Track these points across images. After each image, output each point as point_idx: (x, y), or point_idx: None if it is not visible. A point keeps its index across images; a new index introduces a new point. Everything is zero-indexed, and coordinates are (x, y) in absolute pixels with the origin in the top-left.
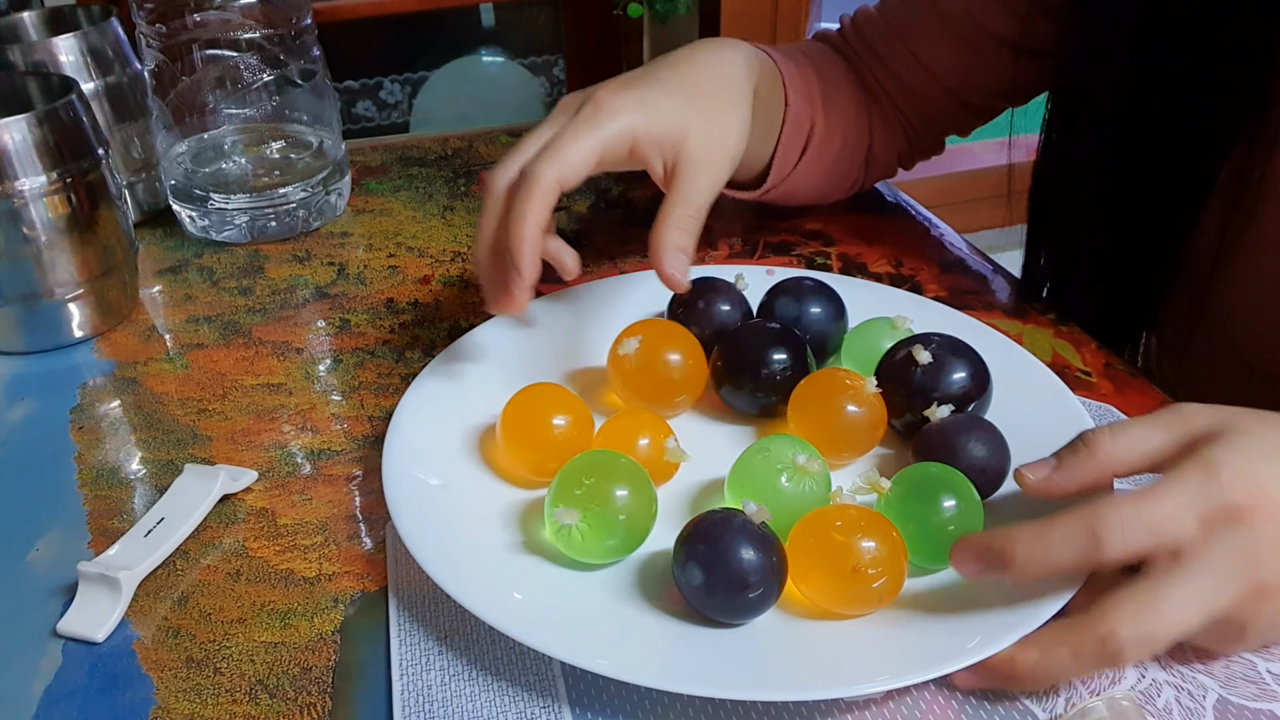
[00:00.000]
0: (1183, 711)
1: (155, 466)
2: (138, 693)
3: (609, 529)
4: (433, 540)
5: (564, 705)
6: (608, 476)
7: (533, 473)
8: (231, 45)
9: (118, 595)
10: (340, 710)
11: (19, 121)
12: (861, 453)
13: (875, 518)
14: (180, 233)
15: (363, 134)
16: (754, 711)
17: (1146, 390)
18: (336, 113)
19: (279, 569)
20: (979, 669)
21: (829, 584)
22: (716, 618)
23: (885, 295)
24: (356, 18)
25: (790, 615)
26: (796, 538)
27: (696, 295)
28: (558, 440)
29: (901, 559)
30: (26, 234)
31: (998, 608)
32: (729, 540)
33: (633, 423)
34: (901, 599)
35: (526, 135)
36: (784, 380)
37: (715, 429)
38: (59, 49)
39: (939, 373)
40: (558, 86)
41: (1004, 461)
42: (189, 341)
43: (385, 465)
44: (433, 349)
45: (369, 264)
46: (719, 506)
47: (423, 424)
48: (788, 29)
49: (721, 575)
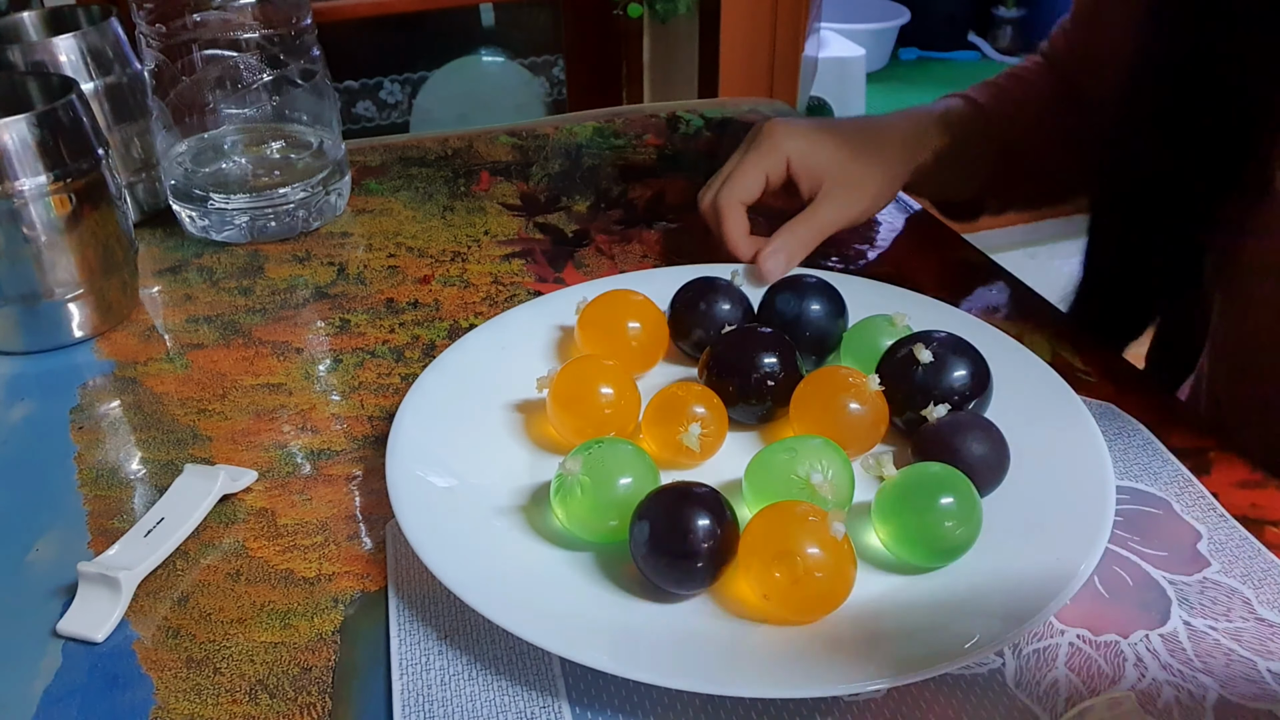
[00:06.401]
0: (1183, 711)
1: (155, 466)
2: (138, 693)
3: (608, 486)
4: (434, 537)
5: (564, 704)
6: (616, 446)
7: (574, 436)
8: (231, 45)
9: (118, 595)
10: (340, 710)
11: (19, 121)
12: (863, 450)
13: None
14: (180, 233)
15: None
16: (754, 709)
17: (1147, 390)
18: (336, 113)
19: (279, 569)
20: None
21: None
22: (655, 578)
23: (885, 293)
24: (356, 18)
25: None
26: (750, 529)
27: (696, 295)
28: (603, 412)
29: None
30: (26, 234)
31: (997, 607)
32: (676, 500)
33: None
34: (902, 599)
35: (727, 165)
36: (775, 387)
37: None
38: (59, 49)
39: (940, 371)
40: (558, 86)
41: (1004, 460)
42: (189, 341)
43: (389, 463)
44: (433, 349)
45: (369, 264)
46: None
47: (425, 422)
48: (788, 29)
49: (666, 533)
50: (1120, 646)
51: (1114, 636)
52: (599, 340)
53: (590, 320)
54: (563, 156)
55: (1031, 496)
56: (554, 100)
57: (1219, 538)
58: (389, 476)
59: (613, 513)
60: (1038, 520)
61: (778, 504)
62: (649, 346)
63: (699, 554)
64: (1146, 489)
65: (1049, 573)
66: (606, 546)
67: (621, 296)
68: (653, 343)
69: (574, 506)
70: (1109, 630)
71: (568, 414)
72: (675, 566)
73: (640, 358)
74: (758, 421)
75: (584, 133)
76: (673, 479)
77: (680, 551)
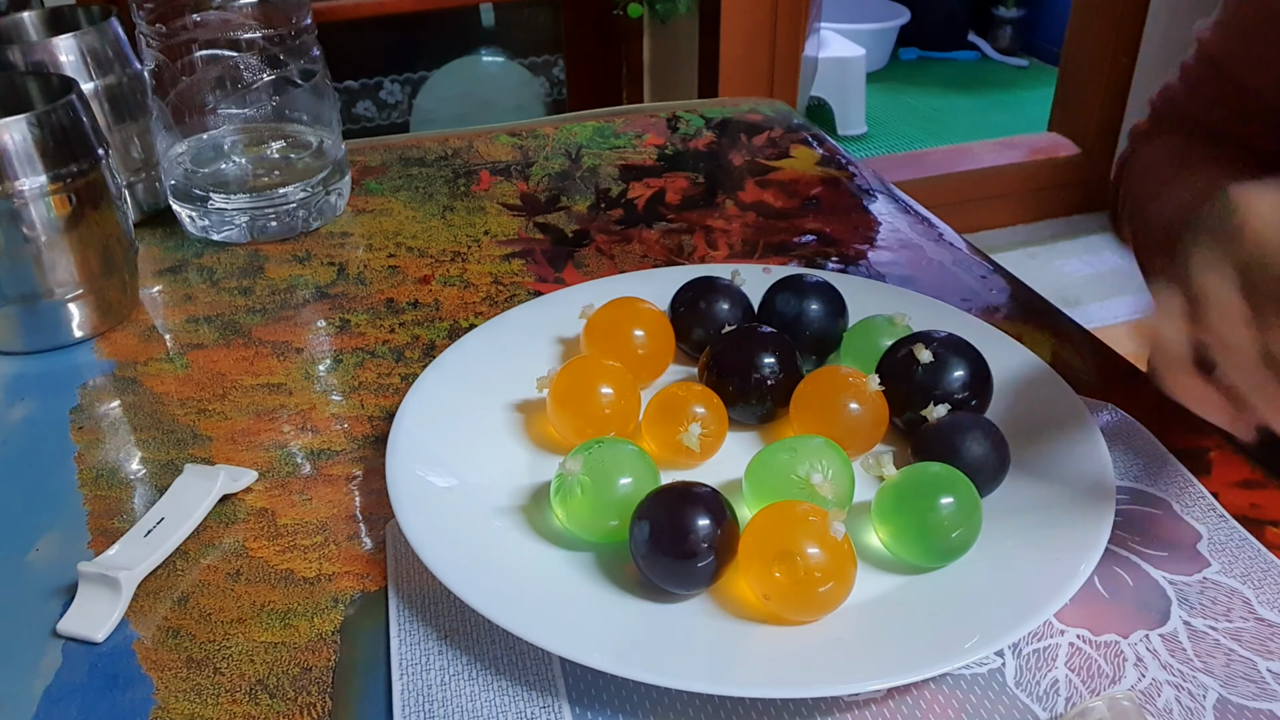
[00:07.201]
0: (1183, 711)
1: (155, 466)
2: (138, 693)
3: (608, 486)
4: (434, 537)
5: (564, 704)
6: (616, 446)
7: (575, 436)
8: (231, 45)
9: (118, 595)
10: (340, 710)
11: (19, 121)
12: (863, 450)
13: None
14: (180, 233)
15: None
16: (754, 709)
17: (1148, 390)
18: (336, 113)
19: (279, 569)
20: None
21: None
22: (655, 578)
23: (885, 293)
24: (356, 18)
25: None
26: (750, 528)
27: (697, 295)
28: (603, 412)
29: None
30: (26, 234)
31: (997, 607)
32: (676, 500)
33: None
34: (902, 599)
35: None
36: (775, 387)
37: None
38: (59, 49)
39: (940, 371)
40: (558, 86)
41: (1004, 460)
42: (189, 341)
43: (389, 463)
44: (433, 349)
45: (369, 264)
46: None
47: (425, 422)
48: (788, 29)
49: (666, 533)
50: (1120, 646)
51: (1114, 636)
52: (605, 350)
53: (597, 328)
54: (563, 156)
55: (1031, 496)
56: (554, 100)
57: (1219, 538)
58: (389, 476)
59: (613, 513)
60: (1038, 520)
61: (778, 504)
62: (656, 355)
63: (699, 554)
64: (1146, 489)
65: (1049, 573)
66: (606, 546)
67: (629, 305)
68: (660, 351)
69: (574, 506)
70: (1109, 630)
71: (568, 414)
72: (675, 566)
73: (647, 367)
74: (758, 421)
75: (584, 133)
76: (673, 479)
77: (680, 551)
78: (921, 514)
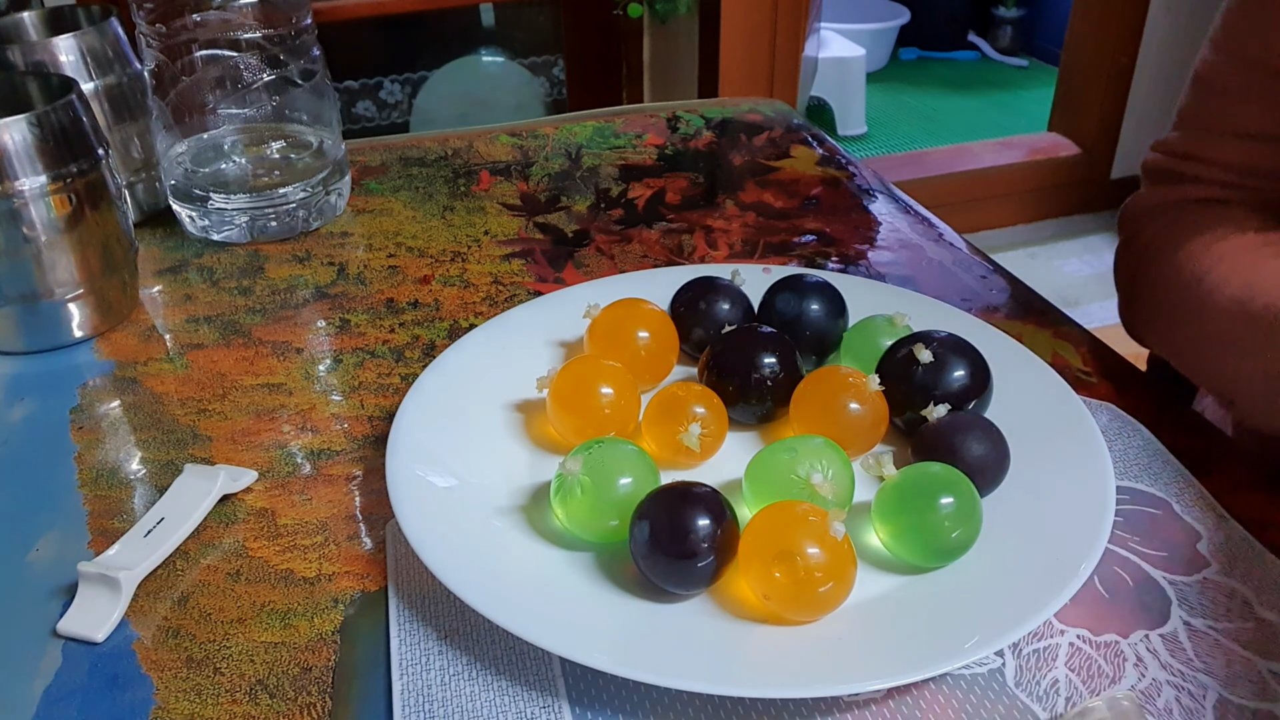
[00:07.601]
0: (1183, 711)
1: (155, 466)
2: (138, 693)
3: (608, 486)
4: (434, 537)
5: (564, 704)
6: (616, 446)
7: (574, 436)
8: (231, 45)
9: (118, 595)
10: (340, 710)
11: (19, 121)
12: (863, 450)
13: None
14: (180, 233)
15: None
16: (754, 709)
17: (1148, 390)
18: (336, 113)
19: (279, 569)
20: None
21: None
22: (655, 578)
23: (885, 293)
24: (356, 18)
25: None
26: (751, 528)
27: (697, 295)
28: (603, 412)
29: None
30: (26, 234)
31: (997, 607)
32: (676, 500)
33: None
34: (901, 599)
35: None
36: (775, 387)
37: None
38: (59, 49)
39: (940, 371)
40: (558, 86)
41: (1004, 460)
42: (189, 341)
43: (389, 463)
44: (433, 349)
45: (369, 264)
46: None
47: (425, 422)
48: (788, 29)
49: (666, 533)
50: (1120, 646)
51: (1114, 636)
52: (608, 352)
53: (600, 329)
54: (563, 156)
55: (1031, 496)
56: (554, 100)
57: (1219, 538)
58: (389, 476)
59: (613, 513)
60: (1038, 520)
61: (778, 504)
62: (659, 358)
63: (699, 554)
64: (1146, 489)
65: (1049, 573)
66: (606, 546)
67: (633, 306)
68: (663, 354)
69: (574, 506)
70: (1109, 630)
71: (568, 414)
72: (675, 566)
73: (650, 370)
74: (758, 421)
75: (584, 133)
76: (673, 479)
77: (680, 551)
78: (921, 514)
